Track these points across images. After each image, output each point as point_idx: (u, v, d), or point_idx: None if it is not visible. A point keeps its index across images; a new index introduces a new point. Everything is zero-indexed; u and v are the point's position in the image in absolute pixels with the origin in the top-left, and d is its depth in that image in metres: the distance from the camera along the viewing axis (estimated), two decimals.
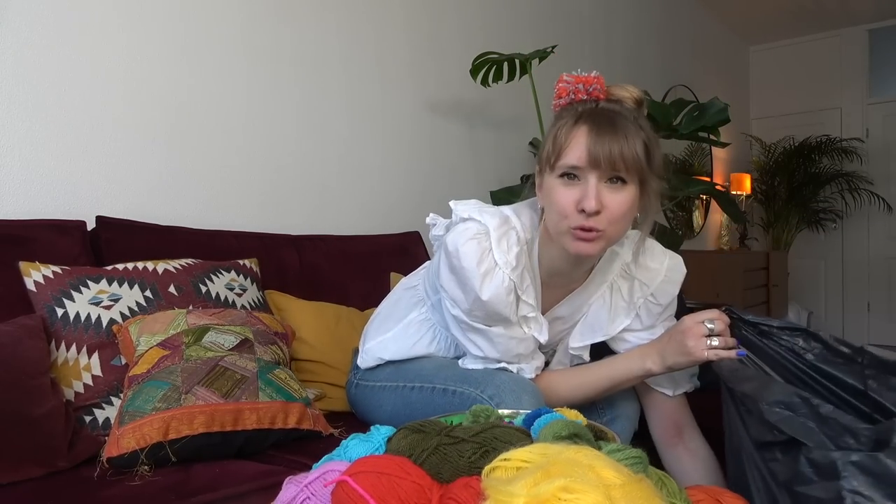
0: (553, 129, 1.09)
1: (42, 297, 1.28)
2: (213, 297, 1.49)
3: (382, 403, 1.35)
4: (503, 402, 1.14)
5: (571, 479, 0.56)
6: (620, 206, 1.05)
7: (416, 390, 1.29)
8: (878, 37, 5.36)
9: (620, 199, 1.05)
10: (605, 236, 1.07)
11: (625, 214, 1.07)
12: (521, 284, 1.15)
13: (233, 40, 1.95)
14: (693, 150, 4.69)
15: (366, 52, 2.36)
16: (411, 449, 0.72)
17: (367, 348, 1.41)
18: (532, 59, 2.33)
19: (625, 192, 1.06)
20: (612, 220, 1.05)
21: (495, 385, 1.17)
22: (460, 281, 1.13)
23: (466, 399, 1.19)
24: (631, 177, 1.05)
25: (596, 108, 1.08)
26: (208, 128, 1.89)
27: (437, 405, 1.23)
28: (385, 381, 1.36)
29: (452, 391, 1.22)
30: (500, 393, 1.15)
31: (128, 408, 1.13)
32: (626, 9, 4.01)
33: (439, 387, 1.25)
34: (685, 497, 0.68)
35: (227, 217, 1.92)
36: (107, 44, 1.67)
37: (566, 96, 1.11)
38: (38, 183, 1.54)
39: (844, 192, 5.24)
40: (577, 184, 1.06)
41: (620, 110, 1.08)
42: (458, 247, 1.11)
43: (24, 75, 1.52)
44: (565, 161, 1.05)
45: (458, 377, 1.24)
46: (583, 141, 1.04)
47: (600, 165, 1.03)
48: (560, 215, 1.07)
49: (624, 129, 1.04)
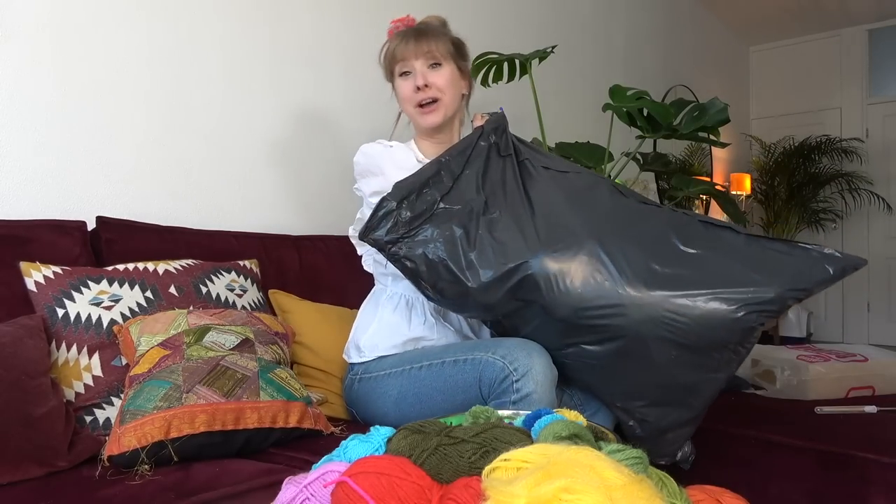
0: (384, 49, 1.47)
1: (42, 297, 1.28)
2: (214, 298, 1.49)
3: (388, 390, 1.36)
4: (515, 359, 1.18)
5: (572, 479, 0.56)
6: (443, 78, 1.43)
7: (424, 368, 1.31)
8: (878, 37, 5.36)
9: (442, 74, 1.43)
10: (442, 104, 1.44)
11: (449, 84, 1.44)
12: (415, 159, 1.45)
13: (232, 39, 1.95)
14: (693, 150, 4.69)
15: (366, 52, 2.36)
16: (411, 449, 0.72)
17: (363, 346, 1.44)
18: (532, 59, 2.33)
19: (444, 70, 1.44)
20: (441, 89, 1.43)
21: (505, 346, 1.22)
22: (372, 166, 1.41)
23: (478, 364, 1.23)
24: (445, 60, 1.44)
25: (409, 28, 1.46)
26: (208, 128, 1.89)
27: (448, 376, 1.26)
28: (390, 369, 1.37)
29: (463, 360, 1.26)
30: (511, 352, 1.20)
31: (129, 406, 1.13)
32: (626, 9, 4.00)
33: (449, 359, 1.28)
34: (685, 497, 0.68)
35: (227, 217, 1.92)
36: (107, 44, 1.67)
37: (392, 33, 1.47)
38: (38, 183, 1.54)
39: (844, 192, 5.23)
40: (410, 76, 1.44)
41: (428, 23, 1.48)
42: (361, 150, 1.44)
43: (24, 76, 1.52)
44: (397, 64, 1.44)
45: (466, 348, 1.28)
46: (403, 46, 1.42)
47: (419, 56, 1.41)
48: (406, 101, 1.46)
49: (430, 31, 1.43)
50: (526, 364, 1.17)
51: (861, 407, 1.52)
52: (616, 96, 2.32)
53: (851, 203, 5.26)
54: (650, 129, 2.36)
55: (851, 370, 1.68)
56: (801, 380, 1.64)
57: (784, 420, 1.48)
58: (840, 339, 5.35)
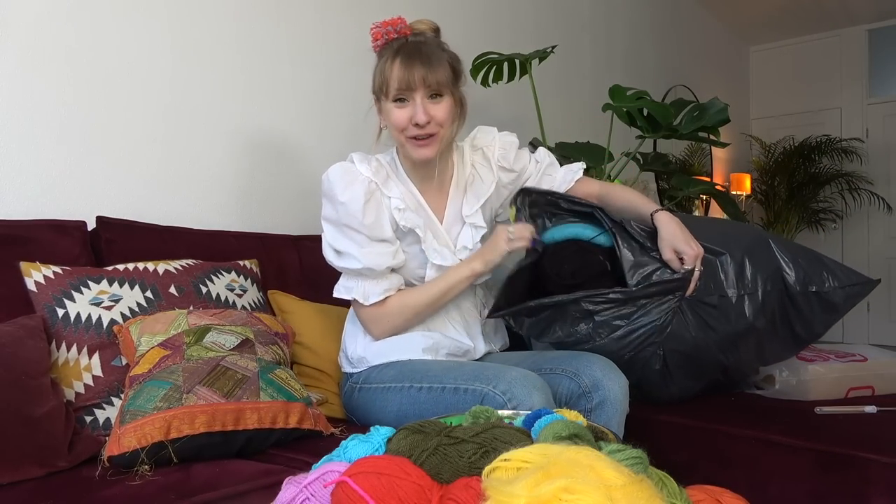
0: (378, 65, 1.37)
1: (43, 297, 1.28)
2: (214, 298, 1.49)
3: (388, 404, 1.35)
4: (514, 396, 1.18)
5: (572, 479, 0.56)
6: (443, 111, 1.35)
7: (423, 391, 1.30)
8: (878, 37, 5.36)
9: (442, 108, 1.34)
10: (438, 137, 1.36)
11: (448, 119, 1.36)
12: (386, 188, 1.39)
13: (231, 39, 1.95)
14: (693, 150, 4.69)
15: (367, 52, 2.36)
16: (411, 449, 0.72)
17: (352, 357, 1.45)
18: (532, 59, 2.33)
19: (444, 103, 1.35)
20: (440, 123, 1.34)
21: (507, 381, 1.21)
22: (329, 198, 1.37)
23: (478, 396, 1.22)
24: (445, 90, 1.34)
25: (406, 43, 1.35)
26: (208, 128, 1.89)
27: (448, 404, 1.25)
28: (390, 382, 1.36)
29: (464, 389, 1.25)
30: (511, 388, 1.19)
31: (129, 407, 1.13)
32: (626, 9, 4.00)
33: (449, 386, 1.27)
34: (685, 497, 0.68)
35: (227, 217, 1.92)
36: (106, 44, 1.67)
37: (381, 39, 1.38)
38: (38, 183, 1.54)
39: (844, 192, 5.23)
40: (407, 105, 1.34)
41: (425, 40, 1.36)
42: (327, 173, 1.38)
43: (24, 76, 1.52)
44: (394, 90, 1.33)
45: (467, 375, 1.27)
46: (404, 72, 1.31)
47: (421, 87, 1.32)
48: (398, 130, 1.36)
49: (431, 55, 1.33)
50: (527, 403, 1.17)
51: (861, 407, 1.52)
52: (616, 96, 2.32)
53: (851, 203, 5.25)
54: (650, 129, 2.36)
55: (851, 370, 1.67)
56: (800, 380, 1.64)
57: (784, 420, 1.48)
58: (840, 338, 5.35)
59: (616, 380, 1.32)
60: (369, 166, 1.39)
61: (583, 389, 1.30)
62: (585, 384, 1.30)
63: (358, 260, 1.35)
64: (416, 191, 1.44)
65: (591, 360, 1.34)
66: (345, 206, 1.34)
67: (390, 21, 1.37)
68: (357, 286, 1.38)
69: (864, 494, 1.25)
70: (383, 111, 1.38)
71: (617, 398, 1.30)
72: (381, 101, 1.38)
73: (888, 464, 1.23)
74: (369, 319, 1.41)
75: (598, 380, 1.30)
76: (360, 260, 1.35)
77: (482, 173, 1.51)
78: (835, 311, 1.56)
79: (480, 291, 1.53)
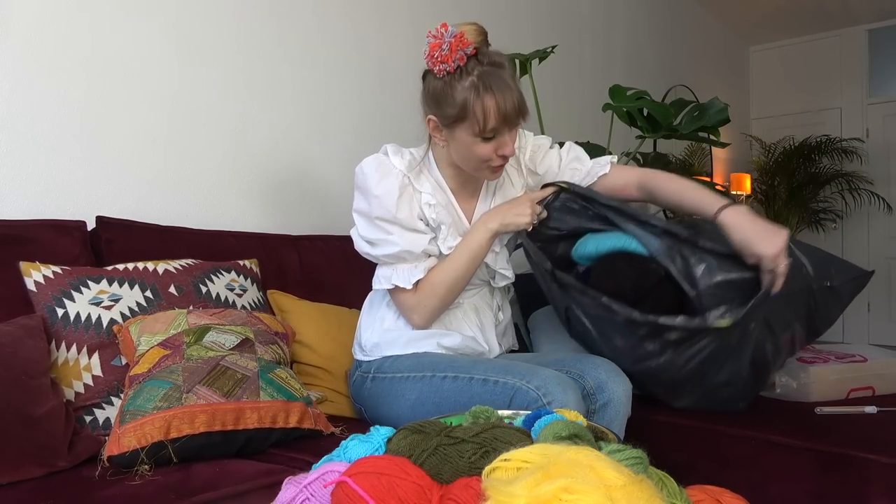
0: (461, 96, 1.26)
1: (42, 297, 1.28)
2: (214, 298, 1.49)
3: (405, 392, 1.34)
4: (549, 392, 1.18)
5: (572, 479, 0.56)
6: (516, 139, 1.35)
7: (448, 380, 1.30)
8: (878, 37, 5.36)
9: (516, 135, 1.34)
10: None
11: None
12: (418, 182, 1.38)
13: (231, 39, 1.95)
14: (693, 150, 4.68)
15: (367, 52, 2.36)
16: (411, 449, 0.72)
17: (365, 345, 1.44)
18: (532, 59, 2.33)
19: (517, 128, 1.33)
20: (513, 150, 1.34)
21: (541, 377, 1.21)
22: (363, 190, 1.35)
23: (509, 389, 1.22)
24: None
25: (490, 72, 1.26)
26: (208, 128, 1.89)
27: (475, 394, 1.25)
28: (408, 372, 1.35)
29: (494, 381, 1.24)
30: (546, 384, 1.19)
31: (129, 407, 1.13)
32: (626, 9, 4.00)
33: (478, 377, 1.26)
34: (685, 497, 0.68)
35: (227, 217, 1.92)
36: (107, 44, 1.67)
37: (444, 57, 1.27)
38: (38, 183, 1.54)
39: (844, 193, 5.23)
40: (494, 141, 1.30)
41: (503, 64, 1.29)
42: (361, 166, 1.36)
43: (24, 76, 1.52)
44: (487, 129, 1.27)
45: (499, 368, 1.26)
46: (496, 111, 1.26)
47: (514, 124, 1.30)
48: (481, 160, 1.32)
49: (512, 84, 1.28)
50: (562, 400, 1.17)
51: (861, 407, 1.52)
52: (616, 96, 2.32)
53: (851, 203, 5.25)
54: (650, 129, 2.36)
55: (851, 371, 1.67)
56: (801, 383, 1.64)
57: (784, 420, 1.48)
58: (840, 339, 5.34)
59: (620, 382, 1.32)
60: (402, 159, 1.38)
61: (587, 391, 1.31)
62: (590, 385, 1.31)
63: (395, 244, 1.34)
64: (448, 189, 1.44)
65: (596, 363, 1.34)
66: (379, 199, 1.33)
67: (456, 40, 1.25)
68: (396, 272, 1.37)
69: (864, 494, 1.25)
70: (457, 138, 1.32)
71: (620, 400, 1.30)
72: (454, 129, 1.31)
73: (888, 464, 1.23)
74: (411, 307, 1.39)
75: (603, 382, 1.31)
76: (397, 244, 1.34)
77: (513, 177, 1.52)
78: (842, 305, 1.56)
79: (498, 294, 1.53)
